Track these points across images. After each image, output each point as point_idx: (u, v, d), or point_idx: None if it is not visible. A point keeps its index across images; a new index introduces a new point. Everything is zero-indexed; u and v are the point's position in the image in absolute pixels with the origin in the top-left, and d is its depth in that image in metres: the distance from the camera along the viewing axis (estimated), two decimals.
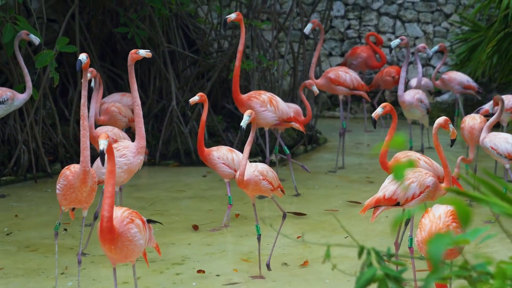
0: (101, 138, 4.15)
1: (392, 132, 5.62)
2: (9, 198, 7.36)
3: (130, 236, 4.10)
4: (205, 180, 8.09)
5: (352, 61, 10.55)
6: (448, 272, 1.92)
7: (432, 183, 4.92)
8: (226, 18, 6.87)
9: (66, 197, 4.85)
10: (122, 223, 4.10)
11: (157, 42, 8.93)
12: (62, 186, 4.84)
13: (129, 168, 5.51)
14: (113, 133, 6.49)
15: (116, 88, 9.21)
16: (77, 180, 4.77)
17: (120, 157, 5.47)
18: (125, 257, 4.18)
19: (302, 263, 5.50)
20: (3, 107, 7.05)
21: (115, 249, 4.09)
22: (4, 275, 5.32)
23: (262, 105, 6.99)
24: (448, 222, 4.14)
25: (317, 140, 9.69)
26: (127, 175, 5.56)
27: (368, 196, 5.13)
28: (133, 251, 4.16)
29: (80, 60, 5.02)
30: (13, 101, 7.07)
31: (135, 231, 4.13)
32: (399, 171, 1.82)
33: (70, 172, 4.85)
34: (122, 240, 4.07)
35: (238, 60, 7.01)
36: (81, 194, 4.82)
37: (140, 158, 5.55)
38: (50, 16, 8.94)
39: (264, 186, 5.26)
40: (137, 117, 5.48)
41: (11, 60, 7.79)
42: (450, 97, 10.89)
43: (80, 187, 4.79)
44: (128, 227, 4.11)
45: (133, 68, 5.49)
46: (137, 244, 4.15)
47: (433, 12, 11.82)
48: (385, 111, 5.36)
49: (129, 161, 5.50)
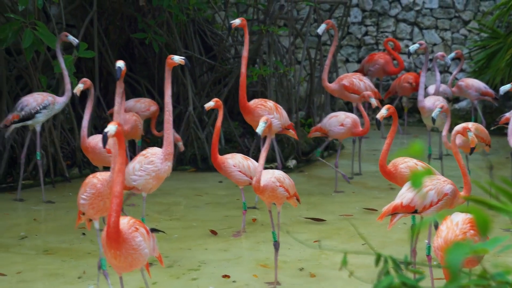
0: (111, 124, 3.99)
1: (392, 135, 5.67)
2: (27, 202, 7.42)
3: (135, 245, 4.05)
4: (222, 185, 8.10)
5: (369, 67, 10.52)
6: (467, 281, 1.91)
7: (450, 191, 4.89)
8: (231, 23, 6.90)
9: (93, 206, 4.76)
10: (128, 230, 4.05)
11: (175, 47, 8.97)
12: (90, 195, 4.74)
13: (157, 175, 5.47)
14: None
15: (134, 93, 9.26)
16: (107, 188, 4.70)
17: (148, 164, 5.45)
18: (130, 265, 4.11)
19: (318, 269, 5.48)
20: (45, 112, 7.19)
21: (120, 256, 4.02)
22: (23, 279, 5.36)
23: (269, 112, 7.02)
24: (465, 229, 4.11)
25: (333, 147, 9.68)
26: (155, 182, 5.51)
27: (385, 203, 5.10)
28: (137, 260, 4.10)
29: (120, 67, 4.95)
30: (54, 105, 7.21)
31: (140, 240, 4.07)
32: (417, 178, 1.81)
33: (98, 180, 4.76)
34: (127, 248, 4.02)
35: (244, 66, 6.96)
36: (109, 202, 4.77)
37: (167, 165, 5.49)
38: (69, 21, 9.02)
39: (281, 193, 5.24)
40: (166, 123, 5.45)
41: (31, 65, 7.86)
42: (468, 104, 10.82)
43: (110, 194, 4.70)
44: (133, 235, 4.05)
45: (170, 74, 5.50)
46: (142, 253, 4.10)
47: (451, 19, 11.77)
48: (389, 113, 5.58)
49: (157, 168, 5.46)
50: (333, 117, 7.75)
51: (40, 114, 7.18)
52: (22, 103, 7.19)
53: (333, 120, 7.69)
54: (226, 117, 9.14)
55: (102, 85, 9.09)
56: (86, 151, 6.45)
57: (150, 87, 9.28)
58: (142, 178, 5.47)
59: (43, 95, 7.21)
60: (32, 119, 7.18)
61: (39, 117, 7.19)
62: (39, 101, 7.16)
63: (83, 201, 4.78)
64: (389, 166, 5.70)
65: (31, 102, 7.15)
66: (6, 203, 7.41)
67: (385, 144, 5.66)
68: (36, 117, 7.18)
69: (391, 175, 5.71)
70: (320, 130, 7.78)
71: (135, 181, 5.45)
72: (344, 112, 7.91)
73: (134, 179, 5.45)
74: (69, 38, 7.07)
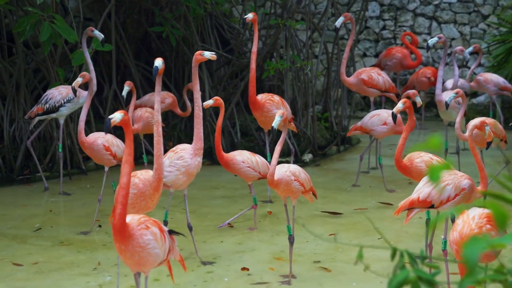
0: (119, 112, 3.90)
1: (408, 129, 5.65)
2: (44, 193, 7.47)
3: (142, 243, 3.90)
4: (237, 179, 8.09)
5: (387, 61, 10.46)
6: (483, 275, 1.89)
7: (468, 185, 4.86)
8: (245, 18, 6.90)
9: (135, 205, 4.69)
10: (136, 227, 3.92)
11: (192, 41, 8.97)
12: (132, 195, 4.61)
13: (187, 170, 5.43)
14: (105, 140, 6.31)
15: (151, 87, 9.29)
16: (149, 188, 4.64)
17: (177, 160, 5.42)
18: (138, 264, 3.97)
19: (333, 263, 5.47)
20: (69, 105, 7.28)
21: (126, 251, 3.91)
22: (39, 269, 5.40)
23: (277, 107, 7.01)
24: (481, 223, 4.07)
25: (350, 141, 9.64)
26: (186, 178, 5.47)
27: (402, 198, 5.08)
28: (146, 259, 3.95)
29: (157, 66, 4.80)
30: (79, 99, 7.27)
31: (148, 238, 3.92)
32: (435, 173, 1.79)
33: (139, 180, 4.68)
34: (134, 245, 3.89)
35: (253, 62, 6.90)
36: (151, 201, 4.70)
37: (197, 160, 5.44)
38: (86, 15, 9.05)
39: (295, 187, 5.21)
40: (196, 118, 5.40)
41: (48, 58, 7.91)
42: (486, 99, 10.73)
43: (153, 194, 4.66)
44: (141, 232, 3.91)
45: (197, 69, 5.47)
46: (151, 252, 3.94)
47: (470, 13, 11.66)
48: (405, 107, 5.52)
49: (187, 163, 5.41)
50: (375, 115, 7.50)
51: (64, 108, 7.27)
52: (47, 96, 7.30)
53: (375, 119, 7.46)
54: (242, 111, 9.14)
55: (119, 79, 9.12)
56: (83, 146, 6.33)
57: (166, 80, 9.30)
58: (172, 174, 5.42)
59: (68, 89, 7.28)
60: (56, 112, 7.30)
61: (63, 111, 7.28)
62: (63, 94, 7.25)
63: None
64: (405, 160, 5.68)
65: (56, 95, 7.26)
66: (23, 195, 7.48)
67: (401, 138, 5.64)
68: (60, 110, 7.29)
69: (407, 170, 5.68)
70: (361, 129, 7.57)
71: (165, 177, 5.34)
72: (386, 110, 7.64)
73: (165, 175, 5.30)
74: (94, 33, 7.06)
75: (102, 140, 6.30)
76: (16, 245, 5.96)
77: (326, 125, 9.44)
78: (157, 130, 4.68)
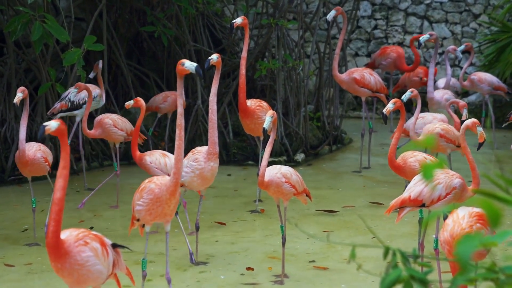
0: (55, 121, 3.71)
1: (400, 128, 5.64)
2: (37, 193, 7.42)
3: (80, 260, 3.69)
4: (230, 179, 8.11)
5: (381, 60, 10.43)
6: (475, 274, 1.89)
7: (459, 184, 4.87)
8: (233, 23, 6.64)
9: (151, 212, 4.52)
10: (73, 243, 3.71)
11: (184, 41, 8.96)
12: (147, 201, 4.50)
13: (201, 173, 5.41)
14: (41, 151, 6.05)
15: (142, 87, 9.27)
16: (166, 193, 4.48)
17: (193, 161, 5.42)
18: (78, 282, 3.76)
19: (326, 262, 5.48)
20: (93, 104, 7.39)
21: (63, 269, 3.69)
22: (31, 270, 5.38)
23: (266, 112, 6.97)
24: (471, 222, 4.07)
25: (342, 140, 9.66)
26: (200, 181, 5.44)
27: (393, 197, 5.09)
28: (86, 276, 3.74)
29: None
30: (100, 99, 7.52)
31: (87, 255, 3.72)
32: (429, 170, 1.80)
33: (155, 185, 4.51)
34: (71, 262, 3.69)
35: (243, 67, 6.67)
36: (168, 207, 4.52)
37: (210, 165, 5.40)
38: (78, 15, 9.02)
39: (286, 189, 5.13)
40: (210, 121, 5.38)
41: (39, 58, 7.88)
42: (477, 98, 10.76)
43: (169, 199, 4.49)
44: (79, 249, 3.70)
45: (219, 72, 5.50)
46: (91, 269, 3.73)
47: (462, 13, 11.70)
48: (396, 107, 5.53)
49: (201, 166, 5.40)
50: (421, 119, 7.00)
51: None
52: (70, 93, 7.30)
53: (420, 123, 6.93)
54: (234, 111, 9.13)
55: (111, 78, 9.10)
56: (25, 164, 6.02)
57: (158, 80, 9.29)
58: (188, 175, 5.43)
59: (93, 87, 7.40)
60: (79, 109, 7.40)
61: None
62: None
63: (140, 207, 4.54)
64: (398, 160, 5.69)
65: (81, 93, 7.28)
66: (15, 195, 7.45)
67: (394, 138, 5.64)
68: (83, 108, 7.37)
69: (400, 169, 5.69)
70: (405, 132, 7.08)
71: (183, 177, 5.34)
72: (431, 114, 7.32)
73: (182, 175, 5.22)
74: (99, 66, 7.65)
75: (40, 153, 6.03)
76: (8, 246, 5.93)
77: (318, 125, 9.44)
78: (179, 134, 4.53)
